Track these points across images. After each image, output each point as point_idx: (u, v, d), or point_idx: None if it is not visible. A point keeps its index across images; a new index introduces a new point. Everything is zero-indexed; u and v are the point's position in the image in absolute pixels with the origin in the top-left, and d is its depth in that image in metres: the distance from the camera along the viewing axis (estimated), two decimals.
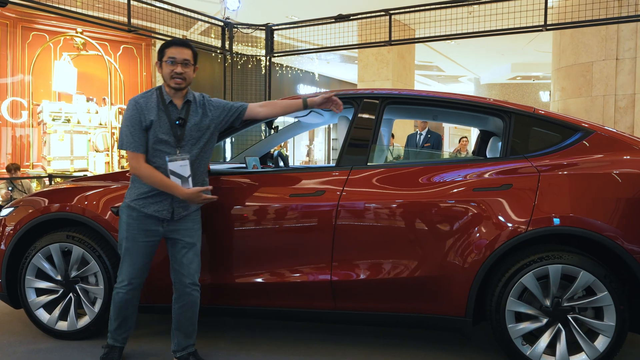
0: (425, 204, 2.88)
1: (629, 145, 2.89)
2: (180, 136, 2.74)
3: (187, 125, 2.77)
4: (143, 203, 2.74)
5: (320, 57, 17.16)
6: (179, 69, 2.72)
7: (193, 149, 2.78)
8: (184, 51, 2.76)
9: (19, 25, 10.85)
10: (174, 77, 2.72)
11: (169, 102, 2.77)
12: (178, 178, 2.71)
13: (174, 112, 2.76)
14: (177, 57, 2.73)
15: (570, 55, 8.64)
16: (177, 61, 2.73)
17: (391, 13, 7.52)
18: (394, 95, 3.26)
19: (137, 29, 7.30)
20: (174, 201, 2.75)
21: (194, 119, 2.80)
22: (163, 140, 2.71)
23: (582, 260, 2.67)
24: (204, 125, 2.83)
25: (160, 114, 2.73)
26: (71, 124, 9.88)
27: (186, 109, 2.80)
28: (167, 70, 2.74)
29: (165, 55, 2.75)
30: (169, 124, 2.73)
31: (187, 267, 2.80)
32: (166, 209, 2.75)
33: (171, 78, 2.73)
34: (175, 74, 2.72)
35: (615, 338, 2.65)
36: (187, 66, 2.76)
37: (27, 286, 3.29)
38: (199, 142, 2.80)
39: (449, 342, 3.29)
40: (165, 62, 2.74)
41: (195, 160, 2.80)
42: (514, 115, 3.03)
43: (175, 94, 2.78)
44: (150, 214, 2.74)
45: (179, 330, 2.86)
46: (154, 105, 2.74)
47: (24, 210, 3.36)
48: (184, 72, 2.74)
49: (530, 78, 21.37)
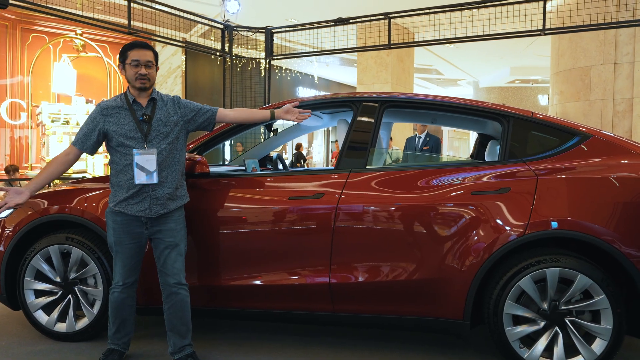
0: (423, 207, 2.89)
1: (627, 150, 2.90)
2: (147, 131, 2.81)
3: (154, 120, 2.84)
4: (125, 205, 2.80)
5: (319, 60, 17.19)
6: (143, 70, 2.81)
7: (161, 144, 2.83)
8: (146, 53, 2.84)
9: (19, 27, 10.86)
10: (139, 78, 2.80)
11: (132, 100, 2.86)
12: (142, 171, 2.76)
13: (139, 110, 2.85)
14: (140, 59, 2.81)
15: (568, 60, 8.67)
16: (140, 63, 2.81)
17: (391, 16, 7.55)
18: (392, 99, 3.28)
19: (137, 31, 7.31)
20: (152, 200, 2.80)
21: (161, 114, 2.87)
22: (129, 137, 2.79)
23: (579, 264, 2.68)
24: (171, 121, 2.89)
25: (124, 114, 2.82)
26: (70, 125, 9.89)
27: (152, 106, 2.88)
28: (131, 72, 2.82)
29: (128, 57, 2.83)
30: (134, 121, 2.81)
31: (170, 267, 2.84)
32: (147, 207, 2.80)
33: (136, 79, 2.81)
34: (140, 75, 2.80)
35: (613, 341, 2.66)
36: (150, 67, 2.84)
37: (26, 288, 3.29)
38: (167, 137, 2.85)
39: (447, 345, 3.30)
40: (129, 65, 2.82)
41: (165, 156, 2.83)
42: (512, 119, 3.05)
43: (139, 94, 2.87)
44: (134, 214, 2.79)
45: (173, 330, 2.88)
46: (118, 106, 2.84)
47: (23, 212, 3.36)
48: (148, 73, 2.82)
49: (529, 82, 21.42)
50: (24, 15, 10.67)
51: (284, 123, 3.70)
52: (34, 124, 10.45)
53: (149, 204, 2.80)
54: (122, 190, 2.81)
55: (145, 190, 2.79)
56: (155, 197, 2.80)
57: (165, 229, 2.85)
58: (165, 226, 2.85)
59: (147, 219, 2.82)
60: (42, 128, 9.91)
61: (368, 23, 8.01)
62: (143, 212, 2.79)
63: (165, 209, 2.82)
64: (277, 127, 4.22)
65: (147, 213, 2.80)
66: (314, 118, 3.99)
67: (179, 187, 2.90)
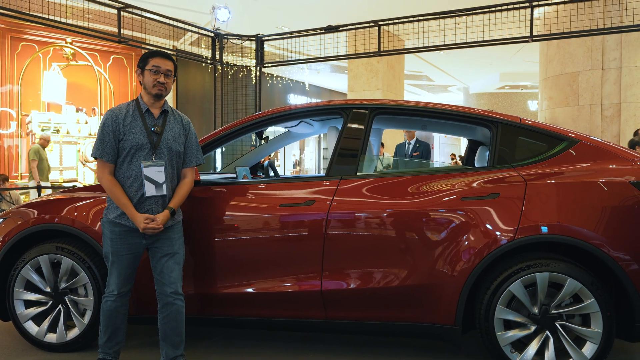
0: (414, 213, 2.91)
1: (615, 154, 2.94)
2: (156, 143, 2.81)
3: (164, 133, 2.85)
4: (127, 218, 2.79)
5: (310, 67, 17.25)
6: (162, 79, 2.82)
7: (170, 156, 2.84)
8: (167, 62, 2.86)
9: (8, 36, 10.82)
10: (157, 85, 2.82)
11: (145, 110, 2.85)
12: (152, 184, 2.76)
13: (150, 120, 2.85)
14: (161, 66, 2.83)
15: (557, 65, 8.77)
16: (160, 71, 2.83)
17: (380, 24, 7.60)
18: (383, 106, 3.30)
19: (128, 40, 7.32)
20: (154, 213, 2.79)
21: (171, 128, 2.88)
22: (139, 147, 2.78)
23: (569, 268, 2.70)
24: (180, 139, 2.92)
25: (136, 122, 2.81)
26: (60, 134, 9.86)
27: (163, 118, 2.89)
28: (149, 78, 2.83)
29: (149, 64, 2.84)
30: (145, 131, 2.81)
31: (167, 276, 2.82)
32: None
33: (153, 86, 2.82)
34: (158, 82, 2.81)
35: (603, 344, 2.68)
36: (169, 77, 2.86)
37: (15, 298, 3.26)
38: (173, 153, 2.86)
39: (439, 350, 3.31)
40: (149, 71, 2.83)
41: (172, 168, 2.86)
42: (501, 125, 3.08)
43: (153, 103, 2.87)
44: (136, 227, 2.77)
45: (165, 341, 2.86)
46: (130, 114, 2.83)
47: (13, 222, 3.34)
48: (166, 82, 2.84)
49: (518, 87, 21.61)
50: (14, 24, 10.63)
51: (275, 130, 3.71)
52: (24, 133, 10.40)
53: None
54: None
55: (148, 203, 2.78)
56: (156, 210, 2.79)
57: (164, 238, 2.84)
58: (164, 235, 2.84)
59: None
60: (32, 137, 9.86)
61: (358, 30, 8.07)
62: None
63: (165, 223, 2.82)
64: (268, 134, 4.23)
65: None
66: (305, 125, 4.01)
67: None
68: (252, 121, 3.37)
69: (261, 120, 3.38)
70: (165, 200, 2.83)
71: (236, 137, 3.44)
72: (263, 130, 3.89)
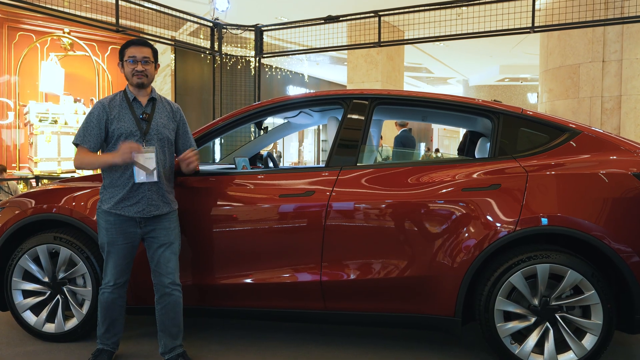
0: (414, 204, 2.89)
1: (616, 146, 2.92)
2: (145, 130, 2.81)
3: (154, 120, 2.85)
4: (122, 207, 2.78)
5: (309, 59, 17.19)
6: (140, 67, 2.82)
7: (160, 143, 2.84)
8: (143, 50, 2.85)
9: (5, 25, 10.74)
10: (135, 74, 2.82)
11: (132, 99, 2.86)
12: (143, 170, 2.75)
13: (138, 108, 2.86)
14: (137, 55, 2.83)
15: (557, 57, 8.72)
16: (137, 59, 2.82)
17: (380, 14, 7.55)
18: (383, 96, 3.27)
19: (126, 29, 7.26)
20: (148, 200, 2.79)
21: (160, 115, 2.89)
22: (129, 134, 2.78)
23: (569, 260, 2.69)
24: (170, 125, 2.92)
25: (124, 111, 2.82)
26: (58, 125, 9.80)
27: (151, 105, 2.89)
28: (128, 69, 2.84)
29: (125, 55, 2.85)
30: (133, 119, 2.82)
31: (164, 266, 2.82)
32: (143, 208, 2.79)
33: (132, 75, 2.83)
34: (136, 71, 2.82)
35: (603, 336, 2.68)
36: (148, 64, 2.85)
37: (13, 288, 3.25)
38: (163, 139, 2.86)
39: (439, 342, 3.31)
40: (126, 62, 2.84)
41: (164, 155, 2.86)
42: (502, 115, 3.06)
43: (138, 92, 2.88)
44: (132, 216, 2.77)
45: (164, 331, 2.86)
46: (117, 104, 2.84)
47: (11, 212, 3.32)
48: (145, 69, 2.84)
49: (518, 80, 21.57)
50: (11, 14, 10.55)
51: (274, 121, 3.69)
52: (22, 123, 10.35)
53: (146, 205, 2.78)
54: (117, 191, 2.79)
55: (141, 191, 2.77)
56: (150, 197, 2.79)
57: (160, 228, 2.83)
58: (160, 225, 2.83)
59: (142, 219, 2.80)
60: (29, 128, 9.81)
61: (358, 21, 8.01)
62: (140, 212, 2.78)
63: (158, 210, 2.82)
64: (267, 125, 4.20)
65: (142, 213, 2.78)
66: (304, 116, 3.98)
67: (170, 192, 2.90)
68: (251, 111, 3.34)
69: (260, 110, 3.35)
70: (159, 187, 2.81)
71: (235, 128, 3.41)
72: (262, 120, 3.87)
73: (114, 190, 2.80)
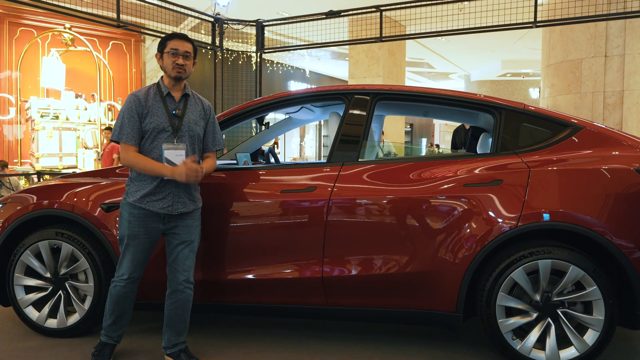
0: (416, 199, 2.89)
1: (618, 141, 2.91)
2: (177, 126, 2.80)
3: (186, 116, 2.84)
4: (147, 202, 2.76)
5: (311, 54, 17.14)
6: (181, 61, 2.82)
7: (191, 140, 2.84)
8: (185, 44, 2.86)
9: (6, 21, 10.73)
10: (175, 67, 2.81)
11: (166, 94, 2.84)
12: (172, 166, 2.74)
13: (171, 103, 2.84)
14: (179, 48, 2.83)
15: (559, 52, 8.69)
16: (179, 53, 2.82)
17: (382, 9, 7.53)
18: (385, 91, 3.27)
19: (127, 25, 7.25)
20: (174, 197, 2.78)
21: (192, 111, 2.88)
22: (161, 130, 2.77)
23: (571, 255, 2.69)
24: (201, 123, 2.91)
25: (157, 105, 2.80)
26: (60, 120, 9.79)
27: (184, 101, 2.88)
28: (168, 61, 2.82)
29: (167, 46, 2.84)
30: (166, 114, 2.80)
31: (182, 264, 2.81)
32: (170, 204, 2.78)
33: (172, 68, 2.82)
34: (177, 64, 2.81)
35: (604, 332, 2.68)
36: (188, 59, 2.86)
37: (15, 284, 3.26)
38: (194, 137, 2.86)
39: (441, 338, 3.31)
40: (167, 54, 2.83)
41: (194, 151, 2.86)
42: (504, 111, 3.05)
43: (174, 86, 2.86)
44: (157, 211, 2.76)
45: (170, 327, 2.86)
46: (151, 97, 2.82)
47: (12, 207, 3.32)
48: (185, 64, 2.84)
49: (520, 75, 21.51)
50: (12, 9, 10.53)
51: (275, 117, 3.68)
52: (23, 119, 10.35)
53: (172, 201, 2.77)
54: (144, 184, 2.77)
55: (169, 187, 2.77)
56: (177, 194, 2.78)
57: (182, 225, 2.83)
58: (183, 222, 2.83)
59: (166, 215, 2.79)
60: (31, 123, 9.81)
61: (359, 16, 8.00)
62: (165, 209, 2.77)
63: (185, 207, 2.81)
64: (269, 120, 4.20)
65: (169, 210, 2.77)
66: (306, 111, 3.97)
67: (196, 190, 2.90)
68: (253, 107, 3.34)
69: (261, 105, 3.35)
70: (187, 184, 2.79)
71: (236, 123, 3.41)
72: (263, 116, 3.86)
73: (141, 184, 2.78)
